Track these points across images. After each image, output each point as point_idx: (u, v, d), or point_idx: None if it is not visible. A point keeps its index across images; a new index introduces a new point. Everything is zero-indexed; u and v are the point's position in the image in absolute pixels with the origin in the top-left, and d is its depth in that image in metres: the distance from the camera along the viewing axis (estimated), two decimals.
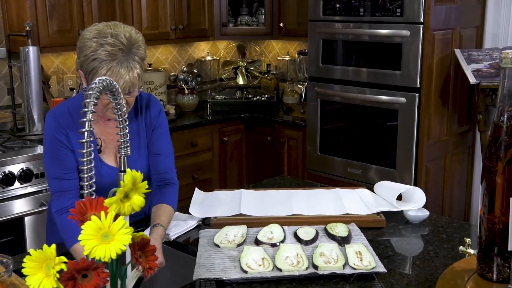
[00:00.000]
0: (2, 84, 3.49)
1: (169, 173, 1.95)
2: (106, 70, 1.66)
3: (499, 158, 1.28)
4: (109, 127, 1.86)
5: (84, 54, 1.69)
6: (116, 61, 1.67)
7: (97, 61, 1.67)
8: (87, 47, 1.68)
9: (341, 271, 1.53)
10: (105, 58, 1.66)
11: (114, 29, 1.71)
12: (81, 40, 1.73)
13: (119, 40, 1.68)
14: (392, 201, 2.00)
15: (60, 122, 1.79)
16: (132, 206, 1.11)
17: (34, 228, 2.96)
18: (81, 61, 1.72)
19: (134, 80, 1.70)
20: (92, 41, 1.68)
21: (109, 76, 1.64)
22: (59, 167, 1.79)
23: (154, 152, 1.94)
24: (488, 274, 1.35)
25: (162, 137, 1.95)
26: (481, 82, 3.19)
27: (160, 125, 1.95)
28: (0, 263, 1.32)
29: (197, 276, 1.52)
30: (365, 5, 3.32)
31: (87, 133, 1.17)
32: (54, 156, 1.80)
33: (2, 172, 2.83)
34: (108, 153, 1.87)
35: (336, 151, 3.63)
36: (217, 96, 4.30)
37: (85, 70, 1.71)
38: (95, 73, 1.67)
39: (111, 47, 1.67)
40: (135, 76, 1.70)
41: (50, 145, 1.81)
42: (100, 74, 1.66)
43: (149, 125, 1.93)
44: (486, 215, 1.33)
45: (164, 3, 3.82)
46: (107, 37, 1.68)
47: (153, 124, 1.93)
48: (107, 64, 1.66)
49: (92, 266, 0.98)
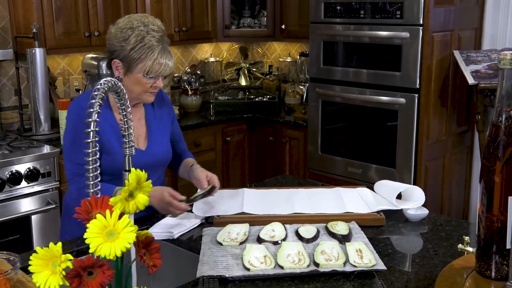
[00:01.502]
0: (9, 85, 3.52)
1: (186, 154, 2.23)
2: (157, 54, 1.82)
3: (498, 158, 1.28)
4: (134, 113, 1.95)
5: (130, 43, 1.82)
6: (160, 48, 1.83)
7: (144, 48, 1.81)
8: (132, 36, 1.81)
9: (342, 268, 1.54)
10: (152, 45, 1.81)
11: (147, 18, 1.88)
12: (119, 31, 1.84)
13: (159, 27, 1.86)
14: (392, 200, 2.02)
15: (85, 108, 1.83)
16: (137, 205, 1.12)
17: (40, 227, 2.99)
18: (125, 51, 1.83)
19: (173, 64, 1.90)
20: (135, 30, 1.82)
21: (158, 63, 1.82)
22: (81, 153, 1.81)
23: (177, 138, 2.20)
24: (487, 272, 1.36)
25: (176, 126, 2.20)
26: (479, 83, 3.20)
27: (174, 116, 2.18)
28: (7, 261, 1.35)
29: (201, 274, 1.53)
30: (365, 7, 3.35)
31: (93, 133, 1.19)
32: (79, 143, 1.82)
33: (9, 171, 2.86)
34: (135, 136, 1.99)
35: (336, 151, 3.65)
36: (220, 96, 4.33)
37: (131, 58, 1.82)
38: (143, 60, 1.82)
39: (157, 33, 1.83)
40: (174, 61, 1.91)
41: (75, 132, 1.87)
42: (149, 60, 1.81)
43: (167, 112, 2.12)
44: (484, 214, 1.33)
45: (168, 5, 3.86)
46: (148, 25, 1.83)
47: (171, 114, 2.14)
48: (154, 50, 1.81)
49: (98, 263, 0.99)
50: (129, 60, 1.84)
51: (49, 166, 3.01)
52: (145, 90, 1.89)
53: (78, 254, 1.72)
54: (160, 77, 1.89)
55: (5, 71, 3.50)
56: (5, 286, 1.29)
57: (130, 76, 1.87)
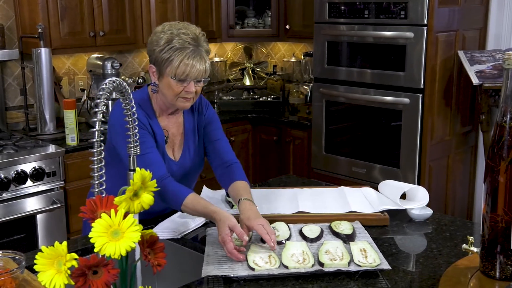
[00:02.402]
0: (15, 85, 3.54)
1: (230, 154, 2.06)
2: (183, 56, 1.80)
3: (502, 158, 1.29)
4: (170, 122, 1.99)
5: (159, 45, 1.83)
6: (189, 50, 1.81)
7: (172, 49, 1.81)
8: (162, 39, 1.83)
9: (346, 268, 1.54)
10: (180, 46, 1.81)
11: (184, 25, 1.89)
12: (154, 35, 1.88)
13: (192, 32, 1.85)
14: (396, 200, 2.02)
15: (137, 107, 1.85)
16: (142, 204, 1.13)
17: (46, 226, 3.00)
18: (157, 52, 1.84)
19: (204, 70, 1.85)
20: (166, 33, 1.83)
21: (184, 64, 1.80)
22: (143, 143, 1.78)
23: (213, 139, 2.07)
24: (491, 272, 1.36)
25: (217, 126, 2.09)
26: (484, 83, 3.20)
27: (213, 116, 2.09)
28: (13, 260, 1.36)
29: (206, 273, 1.54)
30: (369, 7, 3.35)
31: (98, 133, 1.18)
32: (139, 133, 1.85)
33: (15, 170, 2.87)
34: (167, 145, 1.99)
35: (340, 151, 3.66)
36: (224, 96, 4.34)
37: (160, 60, 1.83)
38: (170, 61, 1.81)
39: (185, 36, 1.82)
40: (206, 65, 1.86)
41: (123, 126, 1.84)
42: (178, 60, 1.80)
43: (201, 120, 2.06)
44: (489, 214, 1.33)
45: (172, 5, 3.86)
46: (180, 29, 1.84)
47: (206, 116, 2.07)
48: (182, 52, 1.80)
49: (102, 262, 0.99)
50: (159, 62, 1.84)
51: (54, 166, 3.02)
52: (176, 94, 1.86)
53: (83, 253, 1.73)
54: (191, 81, 1.84)
55: (11, 71, 3.52)
56: (10, 285, 1.30)
57: (162, 80, 1.87)
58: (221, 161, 2.03)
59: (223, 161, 2.03)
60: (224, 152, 2.05)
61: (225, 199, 2.13)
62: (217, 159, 2.04)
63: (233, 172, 1.99)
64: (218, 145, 2.05)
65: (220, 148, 2.05)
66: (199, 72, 1.83)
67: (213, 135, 2.06)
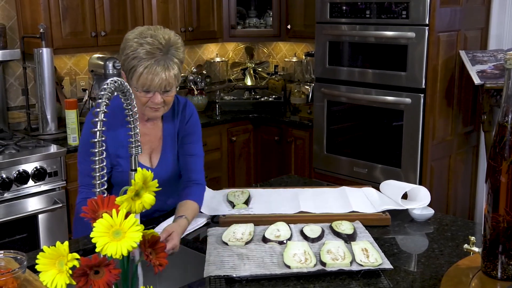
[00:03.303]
0: (16, 85, 3.54)
1: (198, 174, 2.02)
2: (144, 68, 1.75)
3: (504, 158, 1.29)
4: (146, 128, 1.95)
5: (125, 53, 1.79)
6: (154, 60, 1.75)
7: (136, 59, 1.76)
8: (128, 47, 1.79)
9: (348, 267, 1.54)
10: (144, 56, 1.75)
11: (155, 31, 1.81)
12: (123, 42, 1.83)
13: (158, 40, 1.77)
14: (397, 200, 2.02)
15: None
16: (143, 204, 1.12)
17: (47, 226, 3.01)
18: (122, 61, 1.82)
19: (170, 79, 1.78)
20: (133, 41, 1.78)
21: (146, 73, 1.75)
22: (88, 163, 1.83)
23: (187, 153, 2.01)
24: (493, 272, 1.36)
25: (195, 140, 2.03)
26: (485, 83, 3.19)
27: (194, 128, 2.03)
28: (15, 260, 1.36)
29: (208, 274, 1.54)
30: (371, 7, 3.36)
31: (99, 133, 1.19)
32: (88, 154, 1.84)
33: (17, 170, 2.88)
34: (143, 153, 1.95)
35: (342, 151, 3.66)
36: (225, 96, 4.34)
37: (126, 69, 1.80)
38: (134, 71, 1.77)
39: (150, 46, 1.76)
40: (171, 75, 1.78)
41: (85, 144, 1.87)
42: (139, 71, 1.76)
43: (182, 127, 2.01)
44: (490, 214, 1.33)
45: (174, 5, 3.87)
46: (147, 37, 1.78)
47: (186, 126, 2.01)
48: (145, 61, 1.75)
49: (104, 262, 0.99)
50: (125, 71, 1.81)
51: (56, 166, 3.03)
52: (143, 104, 1.81)
53: (84, 253, 1.73)
54: (156, 91, 1.79)
55: (13, 71, 3.52)
56: (12, 285, 1.30)
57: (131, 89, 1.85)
58: (189, 179, 2.00)
59: (191, 179, 2.00)
60: (194, 171, 2.01)
61: (226, 199, 2.13)
62: (186, 175, 2.01)
63: (193, 191, 1.96)
64: (191, 162, 2.01)
65: (192, 165, 2.01)
66: (162, 81, 1.76)
67: (189, 149, 2.02)
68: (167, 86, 1.79)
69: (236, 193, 2.15)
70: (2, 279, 1.28)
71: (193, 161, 2.02)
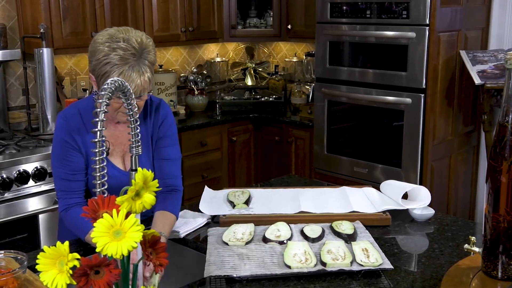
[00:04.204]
0: (17, 85, 3.54)
1: (175, 179, 1.94)
2: (118, 74, 1.67)
3: (504, 158, 1.29)
4: (118, 131, 1.87)
5: (96, 58, 1.70)
6: (128, 65, 1.67)
7: (109, 65, 1.67)
8: (99, 51, 1.69)
9: (349, 267, 1.54)
10: (117, 62, 1.67)
11: (126, 34, 1.72)
12: (93, 45, 1.73)
13: (131, 44, 1.69)
14: (397, 200, 2.02)
15: (70, 124, 1.81)
16: (143, 204, 1.12)
17: (48, 225, 3.00)
18: (93, 65, 1.72)
19: (145, 84, 1.71)
20: (104, 45, 1.69)
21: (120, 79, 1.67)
22: (66, 168, 1.81)
23: (162, 157, 1.93)
24: (493, 272, 1.36)
25: (170, 143, 1.94)
26: (486, 83, 3.19)
27: (168, 131, 1.94)
28: (15, 260, 1.36)
29: (208, 274, 1.54)
30: (371, 7, 3.36)
31: (100, 133, 1.17)
32: (63, 157, 1.81)
33: (17, 170, 2.88)
34: (116, 155, 1.88)
35: (342, 151, 3.66)
36: (226, 96, 4.34)
37: (97, 74, 1.71)
38: (107, 77, 1.67)
39: (123, 52, 1.67)
40: (146, 80, 1.71)
41: (59, 146, 1.82)
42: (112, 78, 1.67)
43: (156, 129, 1.92)
44: (491, 214, 1.33)
45: (174, 5, 3.87)
46: (119, 41, 1.69)
47: (160, 128, 1.92)
48: (119, 68, 1.67)
49: (104, 262, 0.99)
50: (96, 75, 1.73)
51: None
52: (115, 110, 1.74)
53: (85, 253, 1.73)
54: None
55: (13, 71, 3.52)
56: (13, 285, 1.30)
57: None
58: (164, 184, 1.89)
59: (166, 185, 1.90)
60: (170, 176, 1.92)
61: (226, 199, 2.13)
62: (162, 181, 1.87)
63: (170, 200, 1.87)
64: (167, 167, 1.92)
65: (168, 170, 1.92)
66: (138, 88, 1.70)
67: (165, 152, 1.92)
68: (142, 92, 1.72)
69: (237, 193, 2.15)
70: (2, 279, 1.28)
71: (168, 165, 1.93)
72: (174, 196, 1.90)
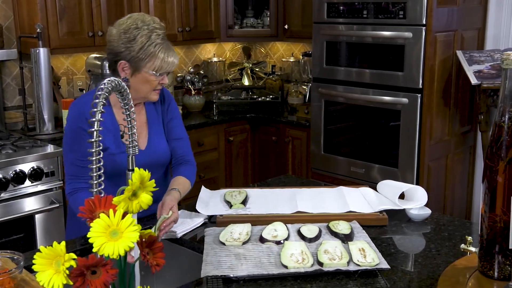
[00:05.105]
0: (13, 84, 3.53)
1: (189, 155, 2.12)
2: (163, 53, 1.87)
3: (500, 158, 1.29)
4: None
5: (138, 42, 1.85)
6: (165, 44, 1.89)
7: (152, 46, 1.85)
8: (140, 35, 1.85)
9: (345, 267, 1.54)
10: (160, 41, 1.87)
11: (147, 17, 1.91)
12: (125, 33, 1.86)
13: (160, 24, 1.90)
14: (394, 200, 2.03)
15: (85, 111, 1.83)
16: (140, 204, 1.13)
17: (44, 226, 3.00)
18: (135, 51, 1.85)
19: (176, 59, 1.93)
20: (142, 30, 1.86)
21: (166, 56, 1.86)
22: (78, 154, 1.88)
23: (173, 137, 2.10)
24: (489, 272, 1.37)
25: (178, 123, 2.13)
26: (482, 83, 3.20)
27: (175, 113, 2.13)
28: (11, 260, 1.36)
29: (205, 274, 1.54)
30: (368, 7, 3.36)
31: (96, 133, 1.19)
32: (75, 144, 1.89)
33: (13, 170, 2.87)
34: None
35: (339, 151, 3.66)
36: (223, 96, 4.34)
37: (140, 58, 1.86)
38: (151, 57, 1.86)
39: (161, 31, 1.89)
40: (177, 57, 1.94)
41: (72, 133, 1.91)
42: (159, 57, 1.86)
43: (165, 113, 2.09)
44: (487, 214, 1.34)
45: (171, 5, 3.87)
46: (150, 23, 1.88)
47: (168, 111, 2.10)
48: (161, 46, 1.87)
49: (101, 262, 0.99)
50: (137, 60, 1.87)
51: (53, 166, 3.02)
52: (152, 88, 1.93)
53: (81, 253, 1.73)
54: (165, 74, 1.94)
55: (9, 71, 3.52)
56: (9, 285, 1.30)
57: (138, 76, 1.90)
58: (180, 160, 2.10)
59: (182, 160, 2.10)
60: (183, 153, 2.11)
61: (223, 199, 2.13)
62: (176, 157, 2.11)
63: (186, 169, 2.07)
64: (179, 145, 2.11)
65: (181, 148, 2.11)
66: (175, 65, 1.93)
67: (176, 132, 2.11)
68: (174, 67, 1.95)
69: (234, 193, 2.15)
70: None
71: (180, 144, 2.11)
72: (189, 167, 2.09)
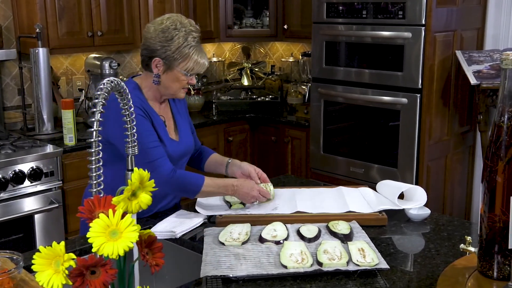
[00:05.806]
0: (12, 84, 3.53)
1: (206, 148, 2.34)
2: (197, 55, 1.97)
3: (500, 158, 1.29)
4: (161, 109, 2.09)
5: (175, 43, 1.93)
6: (199, 47, 1.99)
7: (187, 47, 1.94)
8: (177, 37, 1.94)
9: (345, 267, 1.54)
10: (194, 44, 1.96)
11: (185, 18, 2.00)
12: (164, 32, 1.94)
13: (195, 27, 1.99)
14: (394, 200, 2.03)
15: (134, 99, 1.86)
16: (140, 204, 1.12)
17: (43, 226, 3.00)
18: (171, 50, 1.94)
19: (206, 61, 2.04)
20: (180, 31, 1.94)
21: (200, 59, 1.98)
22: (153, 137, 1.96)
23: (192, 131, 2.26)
24: (489, 272, 1.37)
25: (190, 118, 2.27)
26: (481, 83, 3.21)
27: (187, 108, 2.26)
28: (11, 260, 1.36)
29: (205, 273, 1.54)
30: (367, 7, 3.36)
31: (96, 133, 1.18)
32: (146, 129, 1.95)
33: (13, 170, 2.87)
34: (169, 128, 2.09)
35: (339, 151, 3.66)
36: (222, 96, 4.34)
37: (174, 58, 1.94)
38: (186, 58, 1.95)
39: (196, 34, 1.98)
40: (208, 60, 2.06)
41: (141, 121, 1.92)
42: (193, 58, 1.95)
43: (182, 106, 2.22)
44: (486, 214, 1.33)
45: (170, 5, 3.86)
46: (186, 25, 1.96)
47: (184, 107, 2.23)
48: (196, 49, 1.97)
49: (100, 262, 0.99)
50: (172, 59, 1.95)
51: (52, 166, 3.02)
52: (181, 86, 2.02)
53: (81, 253, 1.73)
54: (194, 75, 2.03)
55: (9, 71, 3.51)
56: (8, 285, 1.30)
57: (170, 74, 1.99)
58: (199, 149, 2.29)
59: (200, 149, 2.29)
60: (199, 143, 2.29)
61: (223, 199, 2.13)
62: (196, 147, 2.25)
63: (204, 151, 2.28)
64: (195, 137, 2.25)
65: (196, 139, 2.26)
66: (205, 67, 2.02)
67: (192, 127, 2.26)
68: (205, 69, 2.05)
69: None
70: None
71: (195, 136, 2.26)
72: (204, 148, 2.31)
